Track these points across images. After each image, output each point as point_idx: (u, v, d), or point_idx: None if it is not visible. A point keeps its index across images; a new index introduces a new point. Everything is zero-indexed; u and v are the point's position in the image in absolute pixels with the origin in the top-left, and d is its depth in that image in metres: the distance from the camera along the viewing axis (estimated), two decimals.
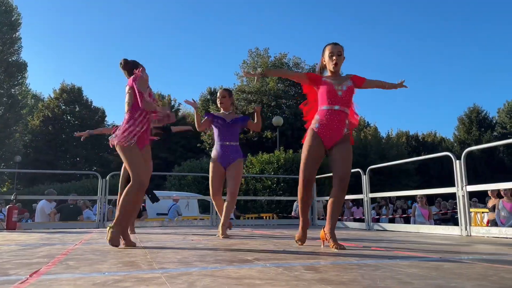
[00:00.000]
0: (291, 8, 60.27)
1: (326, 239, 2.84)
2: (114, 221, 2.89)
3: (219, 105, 4.28)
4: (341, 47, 3.01)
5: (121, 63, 3.18)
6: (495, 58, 57.62)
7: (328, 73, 3.07)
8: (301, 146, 3.16)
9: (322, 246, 2.90)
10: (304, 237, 3.08)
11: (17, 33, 27.25)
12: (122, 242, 2.92)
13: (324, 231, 2.88)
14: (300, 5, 59.98)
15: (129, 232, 5.00)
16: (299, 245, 3.03)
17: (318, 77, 3.07)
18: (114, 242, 2.82)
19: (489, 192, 7.87)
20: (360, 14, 58.32)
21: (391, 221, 10.37)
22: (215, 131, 4.20)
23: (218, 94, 4.34)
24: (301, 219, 3.11)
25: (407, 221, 10.27)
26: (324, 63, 3.06)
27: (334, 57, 2.98)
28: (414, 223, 7.92)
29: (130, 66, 3.15)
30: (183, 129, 5.44)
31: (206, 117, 4.22)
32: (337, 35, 60.25)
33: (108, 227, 2.89)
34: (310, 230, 5.54)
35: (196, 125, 4.20)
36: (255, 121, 4.20)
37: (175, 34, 66.06)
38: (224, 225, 4.00)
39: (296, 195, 3.24)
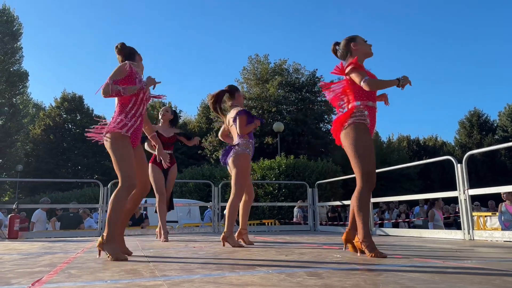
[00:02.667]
0: (291, 14, 60.59)
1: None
2: (105, 236, 2.55)
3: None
4: None
5: (117, 47, 2.91)
6: (495, 61, 57.79)
7: (362, 61, 2.91)
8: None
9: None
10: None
11: (18, 43, 27.48)
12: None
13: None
14: (300, 11, 60.32)
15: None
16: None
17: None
18: (118, 257, 2.48)
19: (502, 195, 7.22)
20: (358, 18, 58.59)
21: (395, 226, 10.32)
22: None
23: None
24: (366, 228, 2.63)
25: (410, 225, 10.22)
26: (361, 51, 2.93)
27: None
28: (433, 228, 7.55)
29: (126, 52, 2.92)
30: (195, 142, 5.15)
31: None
32: (335, 38, 60.33)
33: (99, 242, 2.59)
34: (311, 235, 5.53)
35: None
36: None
37: (175, 42, 66.42)
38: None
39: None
